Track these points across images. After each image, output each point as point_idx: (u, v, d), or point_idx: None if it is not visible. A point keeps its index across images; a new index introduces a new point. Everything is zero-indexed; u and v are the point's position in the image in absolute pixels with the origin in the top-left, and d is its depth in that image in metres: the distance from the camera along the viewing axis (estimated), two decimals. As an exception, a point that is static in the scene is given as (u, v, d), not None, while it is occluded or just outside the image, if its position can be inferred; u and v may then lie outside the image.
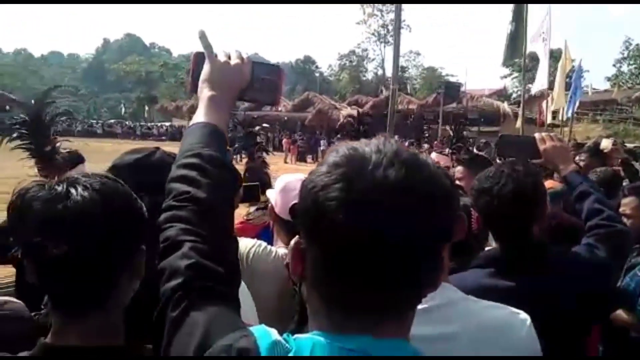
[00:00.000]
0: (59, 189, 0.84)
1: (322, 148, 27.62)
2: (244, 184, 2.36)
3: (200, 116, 0.95)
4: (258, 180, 2.80)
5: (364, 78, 65.39)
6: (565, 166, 1.74)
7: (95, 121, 46.18)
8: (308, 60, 77.31)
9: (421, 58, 65.08)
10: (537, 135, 1.82)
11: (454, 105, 28.41)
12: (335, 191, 0.58)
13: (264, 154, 4.94)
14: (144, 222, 0.92)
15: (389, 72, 64.42)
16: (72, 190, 0.83)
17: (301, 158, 25.07)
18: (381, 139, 0.64)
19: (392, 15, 59.80)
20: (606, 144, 4.97)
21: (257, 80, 1.04)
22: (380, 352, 0.60)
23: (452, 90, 25.43)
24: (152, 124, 43.99)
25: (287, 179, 1.91)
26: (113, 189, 0.89)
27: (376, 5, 59.05)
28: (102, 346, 0.85)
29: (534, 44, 8.75)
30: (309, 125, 32.48)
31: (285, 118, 34.73)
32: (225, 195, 0.89)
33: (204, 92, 0.97)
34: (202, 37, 1.01)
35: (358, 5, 59.89)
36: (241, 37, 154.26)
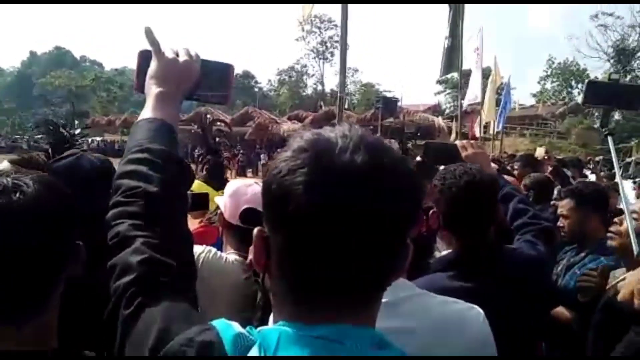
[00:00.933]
0: (4, 182, 0.79)
1: (262, 162, 27.52)
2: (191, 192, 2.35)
3: (147, 112, 0.92)
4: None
5: (304, 93, 66.03)
6: (486, 170, 1.84)
7: (20, 136, 43.52)
8: (247, 75, 77.02)
9: (359, 74, 66.65)
10: (458, 142, 1.97)
11: (392, 119, 29.23)
12: (302, 175, 0.57)
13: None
14: (79, 218, 0.89)
15: (328, 88, 65.69)
16: (19, 184, 0.80)
17: (241, 172, 24.84)
18: (345, 125, 0.64)
19: (330, 32, 61.23)
20: (540, 152, 5.27)
21: (207, 78, 1.01)
22: (349, 339, 0.58)
23: (390, 105, 26.05)
24: (83, 139, 41.97)
25: (236, 184, 1.90)
26: (51, 184, 0.85)
27: (314, 22, 60.04)
28: (38, 351, 0.81)
29: (466, 59, 9.18)
30: (249, 140, 32.28)
31: (224, 132, 34.29)
32: (177, 189, 0.86)
33: (152, 89, 0.95)
34: (149, 33, 0.98)
35: (297, 22, 60.64)
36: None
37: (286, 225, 0.60)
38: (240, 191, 1.82)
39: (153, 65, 0.97)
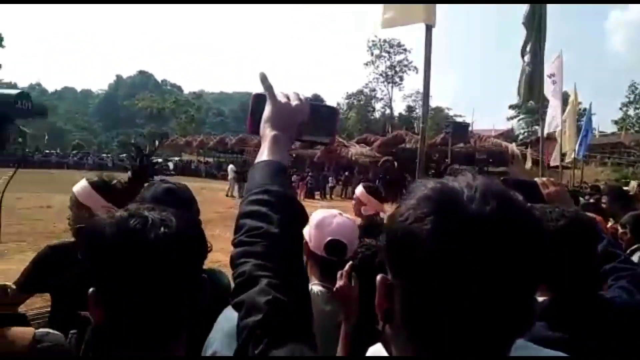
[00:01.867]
0: (151, 217, 0.86)
1: (330, 185, 27.78)
2: None
3: (264, 154, 0.97)
4: None
5: (372, 117, 66.19)
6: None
7: (106, 154, 46.69)
8: (316, 99, 78.14)
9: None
10: (538, 180, 1.89)
11: (462, 145, 28.58)
12: (429, 223, 0.58)
13: None
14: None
15: (396, 111, 65.56)
16: (164, 219, 0.87)
17: (309, 194, 25.14)
18: (468, 175, 0.64)
19: (399, 57, 61.31)
20: (633, 185, 4.95)
21: (314, 121, 1.05)
22: None
23: (460, 130, 25.61)
24: (163, 158, 44.50)
25: (322, 214, 1.90)
26: (189, 219, 0.93)
27: (384, 46, 60.36)
28: None
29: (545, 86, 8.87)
30: (317, 162, 32.71)
31: (294, 155, 35.02)
32: (295, 230, 0.90)
33: (267, 132, 1.00)
34: (264, 79, 1.05)
35: (366, 47, 61.34)
36: (249, 75, 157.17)
37: (412, 272, 0.61)
38: (326, 222, 1.82)
39: (267, 109, 1.02)
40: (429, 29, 3.34)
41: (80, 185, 2.21)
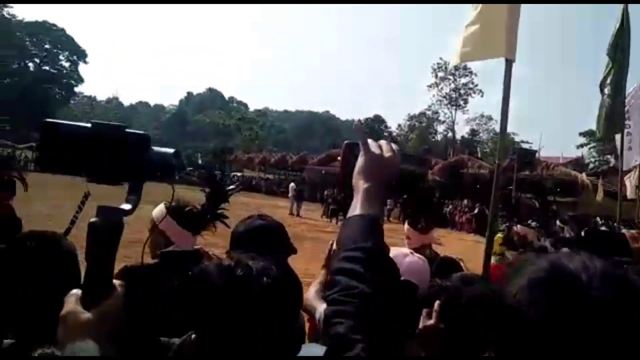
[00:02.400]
0: (254, 267, 0.92)
1: (387, 207, 27.54)
2: None
3: (357, 208, 0.96)
4: None
5: (433, 139, 65.35)
6: None
7: (172, 168, 48.81)
8: (377, 119, 78.57)
9: (493, 122, 64.29)
10: (626, 232, 1.86)
11: (527, 172, 27.59)
12: (546, 308, 0.58)
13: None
14: None
15: (458, 135, 64.34)
16: (266, 268, 0.93)
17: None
18: (584, 255, 0.64)
19: (464, 80, 60.37)
20: None
21: (406, 172, 1.05)
22: None
23: (527, 157, 24.77)
24: (226, 173, 45.96)
25: (393, 253, 1.90)
26: (288, 271, 1.01)
27: (449, 69, 59.72)
28: None
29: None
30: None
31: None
32: (387, 284, 0.91)
33: (360, 184, 0.99)
34: (359, 129, 1.07)
35: (430, 69, 60.95)
36: (314, 94, 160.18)
37: (524, 352, 0.61)
38: (397, 262, 1.77)
39: (361, 160, 1.01)
40: (508, 63, 3.16)
41: (159, 209, 2.23)
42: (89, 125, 0.82)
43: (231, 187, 2.40)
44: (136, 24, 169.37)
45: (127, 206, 0.84)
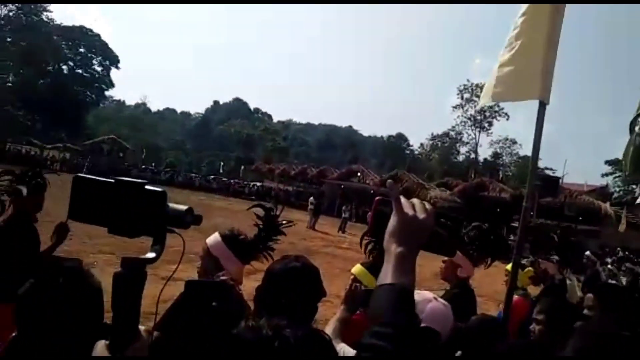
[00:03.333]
0: (292, 339, 0.88)
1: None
2: (367, 288, 2.26)
3: (388, 275, 0.91)
4: None
5: (455, 160, 64.89)
6: None
7: (194, 174, 49.45)
8: (400, 137, 78.47)
9: (517, 147, 63.57)
10: None
11: (549, 199, 27.22)
12: None
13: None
14: None
15: (481, 157, 63.74)
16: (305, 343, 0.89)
17: (383, 234, 24.92)
18: None
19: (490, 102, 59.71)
20: None
21: (436, 234, 1.00)
22: None
23: (550, 184, 24.47)
24: (245, 182, 46.40)
25: (415, 298, 1.87)
26: (313, 334, 0.96)
27: (475, 91, 59.47)
28: None
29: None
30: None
31: (372, 191, 35.13)
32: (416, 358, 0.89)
33: (392, 247, 0.94)
34: (392, 187, 1.00)
35: (456, 90, 60.78)
36: (336, 109, 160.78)
37: None
38: (419, 308, 1.71)
39: (393, 221, 0.96)
40: (542, 105, 3.04)
41: (213, 237, 2.32)
42: (112, 180, 0.92)
43: (284, 222, 2.41)
44: (168, 33, 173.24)
45: (151, 255, 0.91)
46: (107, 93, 69.68)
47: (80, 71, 63.60)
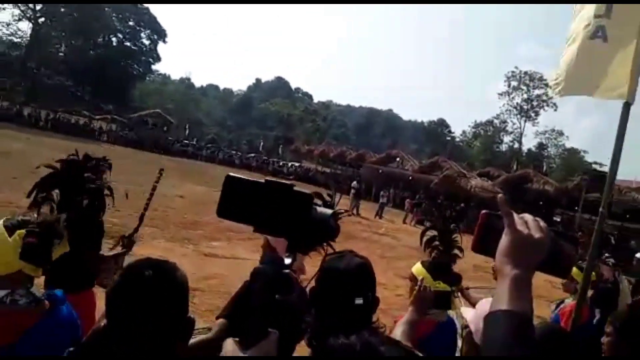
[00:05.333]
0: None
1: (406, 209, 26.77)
2: (434, 289, 2.23)
3: (503, 300, 0.84)
4: None
5: (497, 149, 63.36)
6: None
7: (234, 152, 50.09)
8: (442, 124, 77.07)
9: (563, 138, 61.42)
10: None
11: (597, 194, 26.20)
12: None
13: None
14: None
15: (525, 147, 61.98)
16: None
17: (419, 222, 24.57)
18: None
19: (538, 91, 57.94)
20: None
21: (552, 254, 0.91)
22: None
23: (597, 180, 23.57)
24: (284, 162, 46.73)
25: (485, 307, 1.70)
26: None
27: (523, 79, 57.57)
28: None
29: None
30: (433, 189, 32.03)
31: (411, 178, 34.73)
32: None
33: (506, 269, 0.87)
34: (503, 203, 0.94)
35: (504, 77, 58.95)
36: (377, 92, 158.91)
37: None
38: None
39: (506, 240, 0.90)
40: (627, 106, 2.88)
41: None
42: (262, 181, 0.93)
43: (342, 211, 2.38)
44: (213, 9, 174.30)
45: (288, 260, 0.92)
46: (153, 67, 71.15)
47: (128, 44, 64.99)
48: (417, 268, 2.66)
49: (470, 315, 1.74)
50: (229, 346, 0.90)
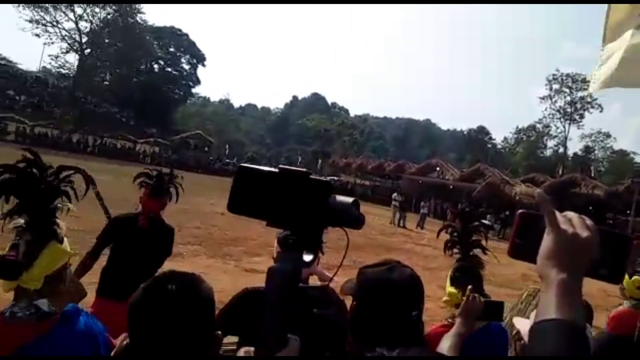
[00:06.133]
0: None
1: (487, 223, 26.18)
2: (485, 299, 2.08)
3: (551, 309, 0.75)
4: None
5: (541, 155, 61.43)
6: None
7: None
8: (482, 131, 75.51)
9: (610, 140, 58.97)
10: None
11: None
12: None
13: None
14: None
15: (570, 151, 59.85)
16: None
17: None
18: None
19: (581, 93, 55.93)
20: None
21: (601, 252, 0.81)
22: None
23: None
24: (322, 176, 46.85)
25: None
26: None
27: (565, 81, 55.83)
28: None
29: None
30: (475, 198, 31.32)
31: (452, 187, 34.13)
32: None
33: (551, 273, 0.78)
34: (543, 200, 0.84)
35: (545, 81, 57.35)
36: (414, 102, 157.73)
37: None
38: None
39: (549, 240, 0.80)
40: None
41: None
42: (276, 170, 0.85)
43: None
44: (249, 31, 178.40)
45: (308, 257, 0.83)
46: (193, 90, 73.31)
47: (169, 69, 67.33)
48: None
49: (525, 326, 1.62)
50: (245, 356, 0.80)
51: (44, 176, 1.74)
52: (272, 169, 0.85)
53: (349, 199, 0.83)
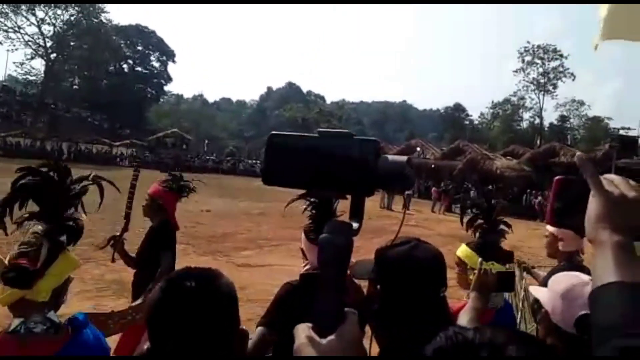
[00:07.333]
0: None
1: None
2: (499, 271, 2.10)
3: (609, 271, 0.71)
4: None
5: (518, 127, 62.22)
6: None
7: (255, 161, 50.32)
8: (458, 108, 76.06)
9: (585, 108, 59.97)
10: None
11: (627, 160, 25.44)
12: None
13: None
14: None
15: (546, 121, 60.71)
16: None
17: (448, 209, 24.18)
18: None
19: (554, 63, 56.72)
20: None
21: None
22: None
23: (628, 145, 22.91)
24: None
25: (569, 281, 1.56)
26: None
27: (537, 53, 56.41)
28: None
29: None
30: (457, 175, 31.54)
31: (433, 166, 34.31)
32: None
33: (604, 236, 0.75)
34: (584, 163, 0.82)
35: (517, 54, 57.87)
36: (389, 86, 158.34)
37: None
38: (576, 292, 1.49)
39: (596, 203, 0.78)
40: None
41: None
42: (316, 135, 0.78)
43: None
44: (218, 25, 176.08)
45: (356, 225, 0.76)
46: (165, 88, 72.15)
47: (139, 69, 66.07)
48: (464, 251, 2.49)
49: (544, 295, 1.58)
50: (302, 333, 0.69)
51: (66, 183, 1.71)
52: (313, 134, 0.78)
53: (403, 158, 0.75)
